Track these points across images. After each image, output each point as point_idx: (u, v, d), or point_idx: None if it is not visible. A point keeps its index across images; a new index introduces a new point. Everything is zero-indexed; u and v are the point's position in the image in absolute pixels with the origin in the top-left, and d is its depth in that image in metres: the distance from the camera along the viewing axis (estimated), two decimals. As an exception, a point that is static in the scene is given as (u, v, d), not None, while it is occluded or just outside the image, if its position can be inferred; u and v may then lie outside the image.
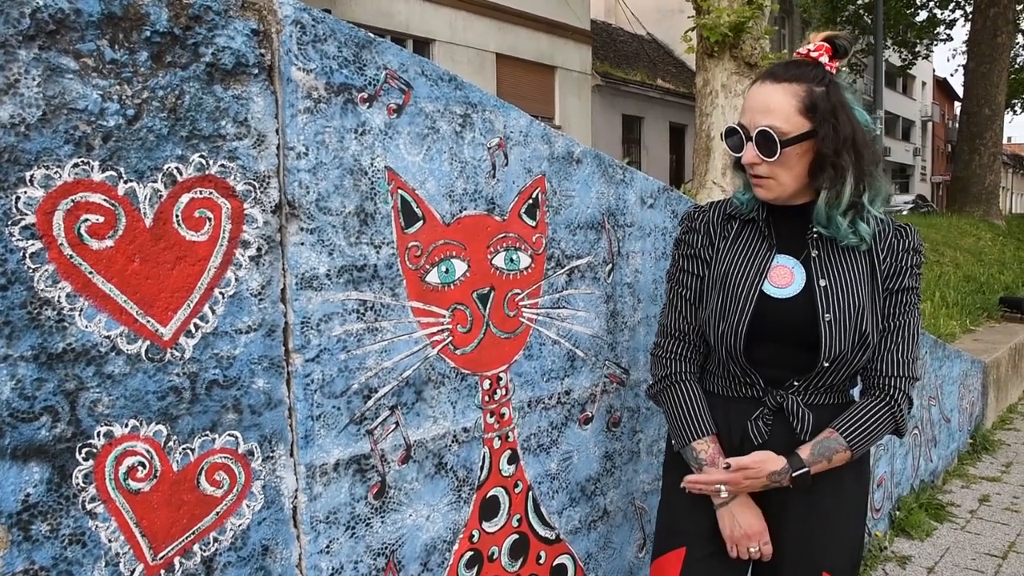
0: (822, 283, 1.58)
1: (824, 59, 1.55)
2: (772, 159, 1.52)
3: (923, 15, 22.87)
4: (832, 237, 1.59)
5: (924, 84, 46.97)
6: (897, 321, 1.62)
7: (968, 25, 18.56)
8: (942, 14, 22.90)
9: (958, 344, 6.08)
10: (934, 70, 48.36)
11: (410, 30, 14.42)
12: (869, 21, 21.49)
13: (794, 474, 1.56)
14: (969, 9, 20.35)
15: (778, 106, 1.51)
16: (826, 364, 1.57)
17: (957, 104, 36.39)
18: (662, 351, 1.73)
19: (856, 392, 1.71)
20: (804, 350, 1.59)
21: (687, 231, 1.74)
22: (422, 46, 14.61)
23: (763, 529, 1.62)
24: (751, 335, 1.59)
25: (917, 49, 25.33)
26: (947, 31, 24.60)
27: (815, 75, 1.53)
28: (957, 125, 19.52)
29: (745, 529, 1.61)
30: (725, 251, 1.67)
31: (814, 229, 1.60)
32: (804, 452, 1.58)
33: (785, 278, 1.61)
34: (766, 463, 1.57)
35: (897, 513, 3.88)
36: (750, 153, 1.54)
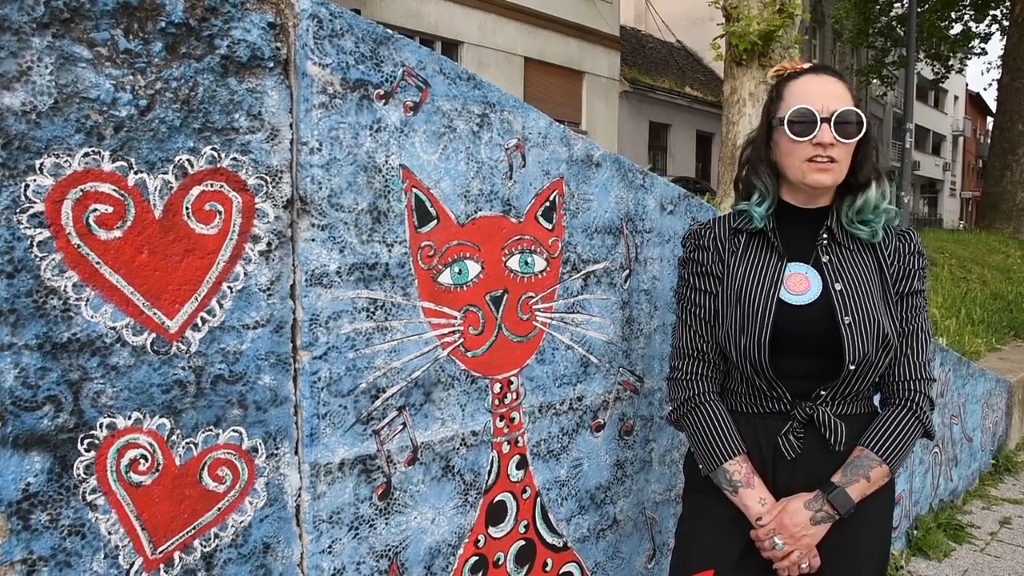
0: (838, 287, 1.58)
1: None
2: (851, 140, 1.54)
3: (957, 28, 22.57)
4: (841, 242, 1.62)
5: (956, 98, 46.44)
6: (910, 325, 1.62)
7: (1004, 39, 18.29)
8: (977, 27, 22.58)
9: (983, 362, 5.98)
10: (967, 84, 47.83)
11: (439, 32, 14.47)
12: (902, 33, 21.25)
13: (829, 496, 1.53)
14: (1005, 23, 20.07)
15: (846, 96, 1.56)
16: (852, 367, 1.55)
17: (990, 119, 35.94)
18: (681, 373, 1.69)
19: (878, 400, 1.68)
20: (827, 357, 1.56)
21: (695, 248, 1.70)
22: (451, 48, 14.65)
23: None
24: (773, 346, 1.56)
25: (950, 63, 25.01)
26: (982, 45, 24.25)
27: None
28: (989, 140, 19.23)
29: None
30: (736, 265, 1.64)
31: (823, 234, 1.62)
32: (836, 477, 1.56)
33: (802, 285, 1.59)
34: (790, 502, 1.56)
35: (915, 532, 3.81)
36: (827, 135, 1.53)
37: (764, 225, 1.63)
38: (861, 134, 1.54)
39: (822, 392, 1.58)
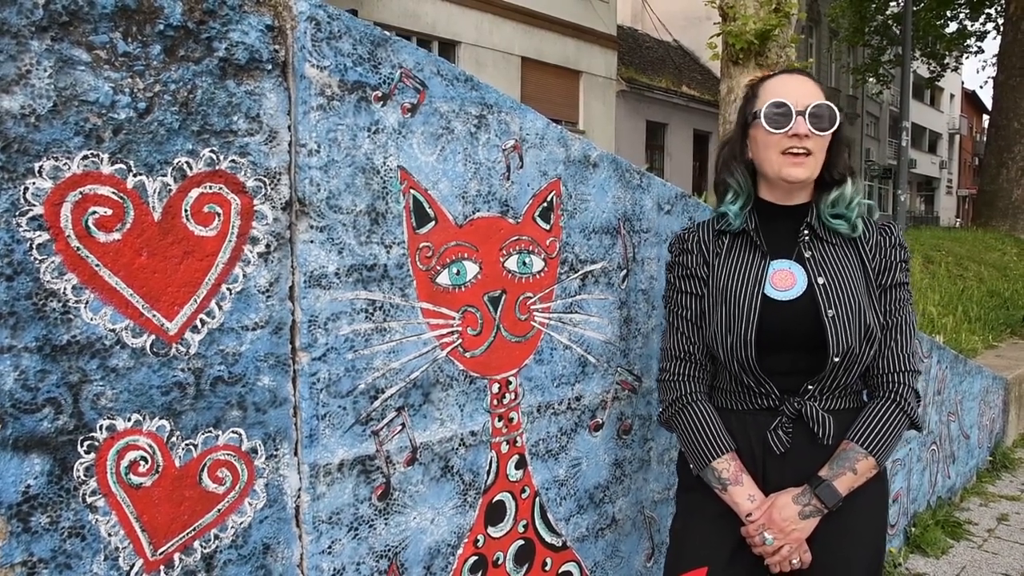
0: (820, 281, 1.60)
1: None
2: (825, 133, 1.57)
3: (953, 26, 22.58)
4: (823, 237, 1.64)
5: (952, 96, 46.53)
6: (894, 318, 1.63)
7: (999, 37, 18.30)
8: (973, 26, 22.60)
9: (980, 360, 5.99)
10: (963, 82, 47.92)
11: (436, 32, 14.44)
12: (898, 32, 21.28)
13: (816, 490, 1.54)
14: (1000, 21, 20.08)
15: (819, 93, 1.59)
16: (836, 359, 1.56)
17: (986, 117, 35.97)
18: (669, 375, 1.72)
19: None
20: (813, 352, 1.58)
21: (680, 252, 1.74)
22: (448, 48, 14.63)
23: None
24: (759, 343, 1.58)
25: (946, 61, 25.02)
26: (977, 43, 24.22)
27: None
28: (985, 138, 19.24)
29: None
30: (720, 266, 1.67)
31: (804, 230, 1.64)
32: (823, 471, 1.57)
33: (787, 280, 1.62)
34: (778, 497, 1.57)
35: (913, 530, 3.82)
36: (802, 126, 1.55)
37: (746, 224, 1.66)
38: (835, 127, 1.58)
39: (809, 387, 1.60)
